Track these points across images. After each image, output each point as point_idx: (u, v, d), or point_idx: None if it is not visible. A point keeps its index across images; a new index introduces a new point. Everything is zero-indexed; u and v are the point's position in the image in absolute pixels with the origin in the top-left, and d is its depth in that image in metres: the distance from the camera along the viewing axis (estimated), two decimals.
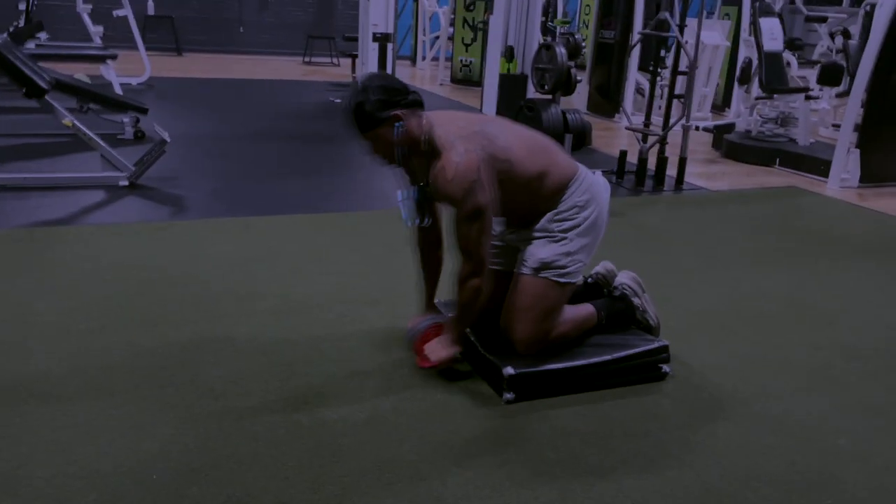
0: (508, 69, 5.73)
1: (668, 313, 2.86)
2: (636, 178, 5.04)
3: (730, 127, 6.47)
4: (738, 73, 6.68)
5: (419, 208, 2.17)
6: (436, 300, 2.43)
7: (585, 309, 2.36)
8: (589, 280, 2.57)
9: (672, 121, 4.95)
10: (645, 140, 5.03)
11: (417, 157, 2.10)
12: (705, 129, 6.13)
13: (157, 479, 1.73)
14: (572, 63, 4.98)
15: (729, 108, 7.91)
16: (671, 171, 5.11)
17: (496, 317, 2.27)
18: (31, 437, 1.85)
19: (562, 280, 2.18)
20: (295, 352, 2.38)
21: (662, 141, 4.99)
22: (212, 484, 1.72)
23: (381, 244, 3.43)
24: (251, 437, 1.91)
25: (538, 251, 2.18)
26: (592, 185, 2.22)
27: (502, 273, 2.33)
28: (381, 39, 8.08)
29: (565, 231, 2.18)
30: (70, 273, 2.90)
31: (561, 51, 4.91)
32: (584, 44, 5.14)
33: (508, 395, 2.14)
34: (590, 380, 2.24)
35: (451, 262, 2.24)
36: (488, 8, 5.38)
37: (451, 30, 10.20)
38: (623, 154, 5.15)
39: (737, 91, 7.01)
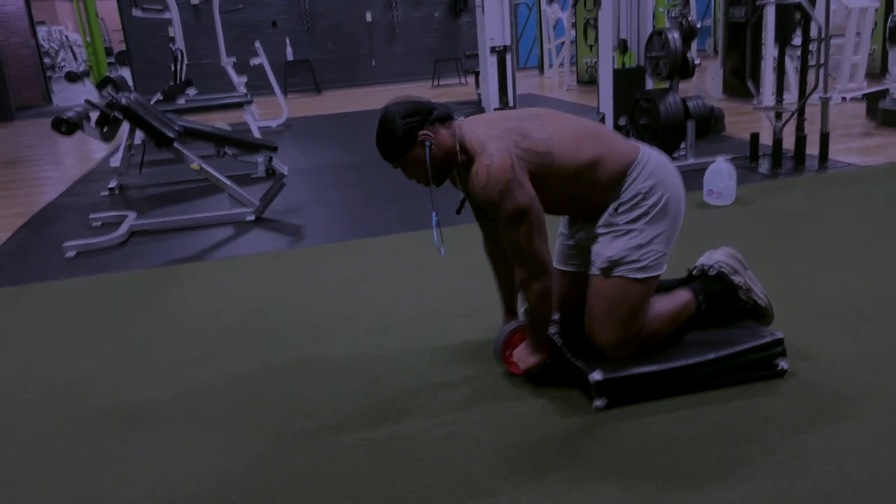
0: (624, 63, 5.49)
1: (793, 302, 2.58)
2: (772, 161, 4.63)
3: (884, 93, 5.80)
4: (886, 32, 5.99)
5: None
6: (520, 306, 2.32)
7: (680, 297, 2.15)
8: (694, 272, 2.33)
9: (808, 94, 4.50)
10: (778, 118, 4.61)
11: (457, 168, 2.03)
12: (853, 100, 5.53)
13: (235, 500, 1.76)
14: (689, 48, 4.68)
15: (888, 73, 7.13)
16: (813, 149, 4.65)
17: (581, 319, 2.13)
18: (128, 461, 1.95)
19: (639, 276, 1.99)
20: (384, 368, 2.37)
21: (800, 117, 4.55)
22: None
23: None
24: (331, 456, 1.90)
25: (605, 249, 2.02)
26: (657, 167, 2.02)
27: (579, 275, 2.19)
28: (500, 52, 8.08)
29: (632, 222, 1.99)
30: (192, 306, 3.08)
31: (673, 36, 4.64)
32: (698, 25, 4.83)
33: (599, 402, 1.99)
34: (692, 382, 2.04)
35: None
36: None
37: (573, 33, 10.00)
38: (755, 136, 4.75)
39: (892, 54, 6.29)
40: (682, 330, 2.18)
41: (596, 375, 1.98)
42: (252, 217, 4.38)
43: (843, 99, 6.47)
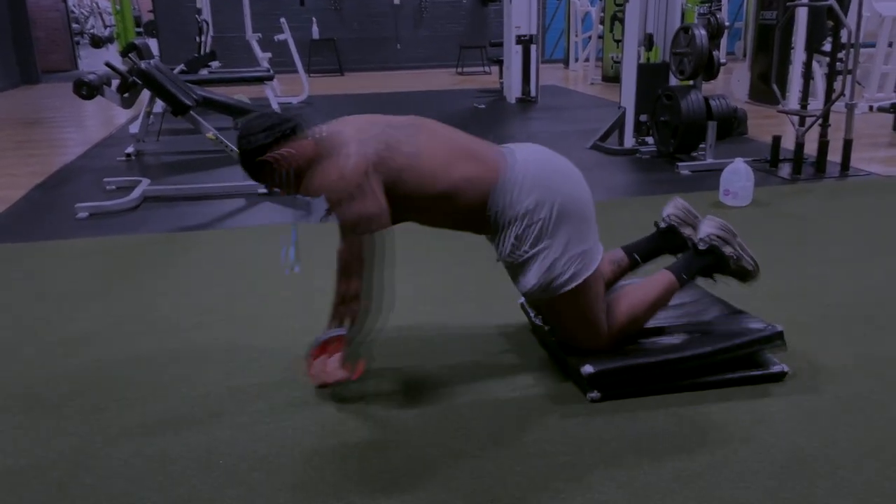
0: (649, 58, 5.42)
1: (801, 306, 2.55)
2: (793, 166, 4.56)
3: None
4: None
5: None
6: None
7: (659, 281, 2.08)
8: (662, 225, 2.27)
9: (833, 100, 4.42)
10: (801, 123, 4.54)
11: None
12: (880, 109, 5.44)
13: (222, 464, 1.76)
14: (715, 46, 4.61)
15: None
16: (836, 156, 4.57)
17: None
18: (121, 420, 1.95)
19: (572, 286, 1.93)
20: (381, 345, 2.34)
21: (824, 122, 4.47)
22: (275, 472, 1.72)
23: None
24: (319, 426, 1.89)
25: (527, 280, 1.95)
26: (536, 177, 1.91)
27: None
28: (525, 41, 8.02)
29: (534, 244, 1.91)
30: (196, 273, 3.09)
31: (700, 32, 4.57)
32: (726, 24, 4.75)
33: (593, 395, 1.97)
34: (688, 375, 2.01)
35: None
36: None
37: (600, 27, 9.91)
38: (776, 139, 4.68)
39: None
40: (679, 322, 2.15)
41: (587, 369, 1.95)
42: (264, 189, 4.37)
43: (871, 108, 6.37)
